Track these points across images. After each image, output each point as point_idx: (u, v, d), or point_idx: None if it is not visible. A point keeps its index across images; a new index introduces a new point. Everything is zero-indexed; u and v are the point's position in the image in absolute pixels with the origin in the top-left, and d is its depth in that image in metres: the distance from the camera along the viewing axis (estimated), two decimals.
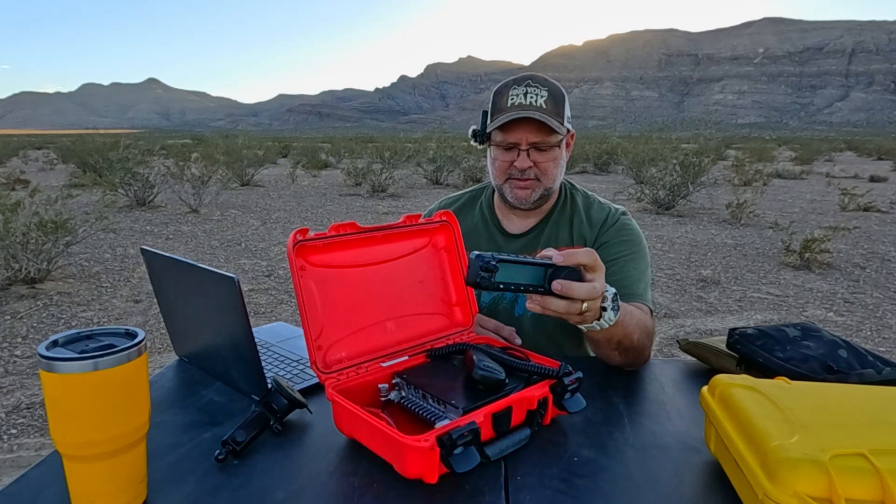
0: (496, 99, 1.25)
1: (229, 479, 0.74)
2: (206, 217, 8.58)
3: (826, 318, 4.30)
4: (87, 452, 0.63)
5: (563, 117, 1.23)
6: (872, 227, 8.19)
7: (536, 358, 0.92)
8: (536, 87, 1.21)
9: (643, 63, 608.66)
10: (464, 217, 1.41)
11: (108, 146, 12.45)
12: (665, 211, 9.40)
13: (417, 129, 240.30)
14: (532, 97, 1.20)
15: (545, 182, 1.26)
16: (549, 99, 1.21)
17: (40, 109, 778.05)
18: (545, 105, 1.20)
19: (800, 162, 22.71)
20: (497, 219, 1.39)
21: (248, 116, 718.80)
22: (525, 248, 1.33)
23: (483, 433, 0.73)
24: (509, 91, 1.22)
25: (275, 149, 23.97)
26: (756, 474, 0.63)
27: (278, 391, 0.85)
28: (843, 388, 0.80)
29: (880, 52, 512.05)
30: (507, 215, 1.38)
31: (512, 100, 1.21)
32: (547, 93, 1.21)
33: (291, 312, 4.31)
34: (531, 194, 1.27)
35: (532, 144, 1.22)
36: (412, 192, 12.00)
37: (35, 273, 4.71)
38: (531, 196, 1.27)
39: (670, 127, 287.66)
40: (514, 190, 1.27)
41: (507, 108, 1.21)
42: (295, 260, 0.84)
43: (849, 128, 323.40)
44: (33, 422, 2.67)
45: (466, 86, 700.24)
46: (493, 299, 1.35)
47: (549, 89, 1.22)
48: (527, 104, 1.20)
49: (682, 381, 1.10)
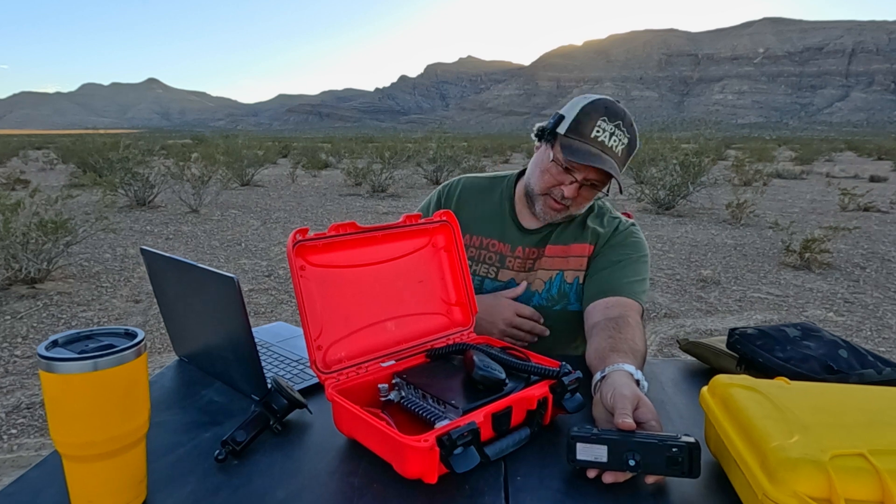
0: (581, 118, 1.20)
1: (229, 479, 0.74)
2: (206, 217, 8.58)
3: (826, 318, 4.30)
4: (86, 452, 0.63)
5: (625, 166, 1.24)
6: (872, 227, 8.19)
7: (536, 358, 0.93)
8: (623, 132, 1.20)
9: (643, 63, 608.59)
10: (482, 200, 1.41)
11: (108, 146, 12.44)
12: (665, 211, 9.40)
13: (417, 129, 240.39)
14: (615, 140, 1.19)
15: (573, 210, 1.28)
16: (626, 147, 1.21)
17: (40, 109, 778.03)
18: (621, 154, 1.20)
19: (800, 162, 22.72)
20: (514, 211, 1.38)
21: (248, 116, 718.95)
22: (538, 244, 1.34)
23: (483, 433, 0.73)
24: (597, 121, 1.19)
25: (275, 149, 23.96)
26: (756, 474, 0.63)
27: (278, 391, 0.85)
28: (843, 388, 0.80)
29: (880, 52, 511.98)
30: (525, 212, 1.37)
31: (596, 133, 1.18)
32: (628, 140, 1.21)
33: (291, 312, 4.31)
34: (557, 216, 1.28)
35: (588, 181, 1.22)
36: (412, 192, 12.00)
37: (35, 273, 4.71)
38: (556, 217, 1.29)
39: (670, 127, 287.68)
40: (546, 207, 1.27)
41: (589, 138, 1.18)
42: (295, 260, 0.84)
43: (849, 128, 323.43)
44: (33, 422, 2.67)
45: (466, 86, 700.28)
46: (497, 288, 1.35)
47: (630, 137, 1.21)
48: (608, 146, 1.18)
49: (682, 381, 1.10)
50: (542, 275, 1.32)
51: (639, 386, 0.88)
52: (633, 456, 0.70)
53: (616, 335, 1.05)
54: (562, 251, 1.32)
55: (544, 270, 1.32)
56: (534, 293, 1.32)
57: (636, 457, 0.70)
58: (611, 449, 0.71)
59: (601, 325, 1.12)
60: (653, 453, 0.70)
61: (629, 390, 0.82)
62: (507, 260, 1.35)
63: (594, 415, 0.86)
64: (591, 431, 0.73)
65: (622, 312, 1.14)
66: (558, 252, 1.32)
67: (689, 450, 0.70)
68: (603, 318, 1.14)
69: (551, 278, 1.32)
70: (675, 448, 0.70)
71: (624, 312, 1.14)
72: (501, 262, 1.35)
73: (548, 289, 1.32)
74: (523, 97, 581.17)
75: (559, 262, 1.32)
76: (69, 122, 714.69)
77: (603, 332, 1.08)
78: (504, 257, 1.35)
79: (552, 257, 1.32)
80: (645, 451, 0.70)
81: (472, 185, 1.46)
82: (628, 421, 0.75)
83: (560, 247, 1.33)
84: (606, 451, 0.71)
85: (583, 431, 0.73)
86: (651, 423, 0.78)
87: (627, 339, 1.03)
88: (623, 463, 0.70)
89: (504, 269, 1.35)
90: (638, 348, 1.03)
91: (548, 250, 1.33)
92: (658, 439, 0.71)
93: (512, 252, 1.34)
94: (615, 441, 0.71)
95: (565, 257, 1.32)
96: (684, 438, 0.71)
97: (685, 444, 0.70)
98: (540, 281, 1.32)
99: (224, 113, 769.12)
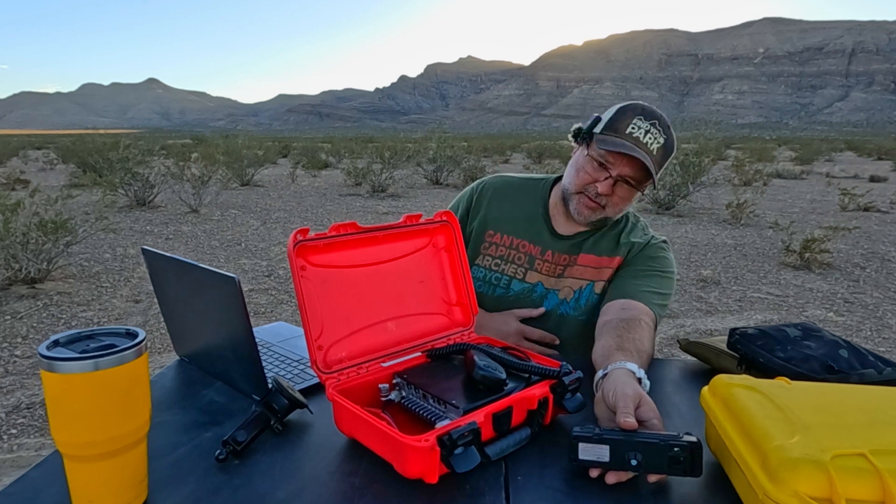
0: (617, 116, 1.22)
1: (230, 479, 0.74)
2: (206, 217, 8.58)
3: (826, 318, 4.30)
4: (87, 452, 0.63)
5: (661, 168, 1.23)
6: (872, 227, 8.19)
7: (537, 358, 0.93)
8: (659, 131, 1.20)
9: (643, 63, 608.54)
10: (516, 200, 1.40)
11: (108, 146, 12.43)
12: (665, 211, 9.40)
13: (417, 129, 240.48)
14: (651, 138, 1.19)
15: (609, 212, 1.27)
16: (662, 148, 1.20)
17: (40, 109, 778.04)
18: (656, 153, 1.20)
19: (800, 162, 22.71)
20: (549, 215, 1.37)
21: (248, 116, 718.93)
22: (570, 250, 1.32)
23: (483, 433, 0.73)
24: (634, 119, 1.19)
25: (275, 149, 23.95)
26: (756, 474, 0.63)
27: (279, 391, 0.85)
28: (843, 388, 0.80)
29: (880, 52, 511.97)
30: (560, 217, 1.36)
31: (632, 129, 1.18)
32: (664, 141, 1.20)
33: (291, 312, 4.31)
34: (592, 215, 1.26)
35: (623, 177, 1.21)
36: (412, 192, 11.99)
37: (35, 273, 4.71)
38: (591, 216, 1.27)
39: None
40: (580, 206, 1.26)
41: (624, 134, 1.19)
42: (295, 260, 0.84)
43: (849, 128, 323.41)
44: (33, 422, 2.67)
45: (466, 86, 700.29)
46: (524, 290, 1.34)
47: (667, 139, 1.21)
48: (643, 142, 1.18)
49: (682, 381, 1.10)
50: (573, 283, 1.31)
51: (641, 385, 0.88)
52: (636, 456, 0.70)
53: (624, 335, 1.04)
54: (595, 262, 1.31)
55: (574, 279, 1.31)
56: (562, 301, 1.31)
57: (638, 456, 0.70)
58: (613, 449, 0.71)
59: (612, 323, 1.11)
60: (655, 453, 0.70)
61: (631, 389, 0.82)
62: (536, 262, 1.33)
63: (596, 413, 0.86)
64: (594, 431, 0.73)
65: (635, 315, 1.13)
66: (591, 262, 1.31)
67: (690, 449, 0.70)
68: (615, 318, 1.13)
69: (581, 288, 1.30)
70: (676, 448, 0.70)
71: (637, 315, 1.13)
72: (531, 263, 1.33)
73: (576, 297, 1.30)
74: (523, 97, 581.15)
75: (591, 273, 1.31)
76: (69, 122, 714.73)
77: (612, 331, 1.07)
78: (534, 259, 1.33)
79: (585, 266, 1.31)
80: (647, 451, 0.70)
81: (507, 184, 1.44)
82: (630, 420, 0.75)
83: (594, 257, 1.31)
84: (608, 451, 0.71)
85: (585, 431, 0.73)
86: (653, 421, 0.78)
87: (635, 340, 1.03)
88: (625, 462, 0.70)
89: (532, 270, 1.33)
90: (644, 349, 1.02)
91: (581, 259, 1.31)
92: (660, 439, 0.71)
93: (542, 255, 1.33)
94: (617, 441, 0.71)
95: (598, 268, 1.30)
96: (686, 438, 0.71)
97: (687, 443, 0.70)
98: (569, 289, 1.31)
99: (224, 113, 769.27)
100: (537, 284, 1.33)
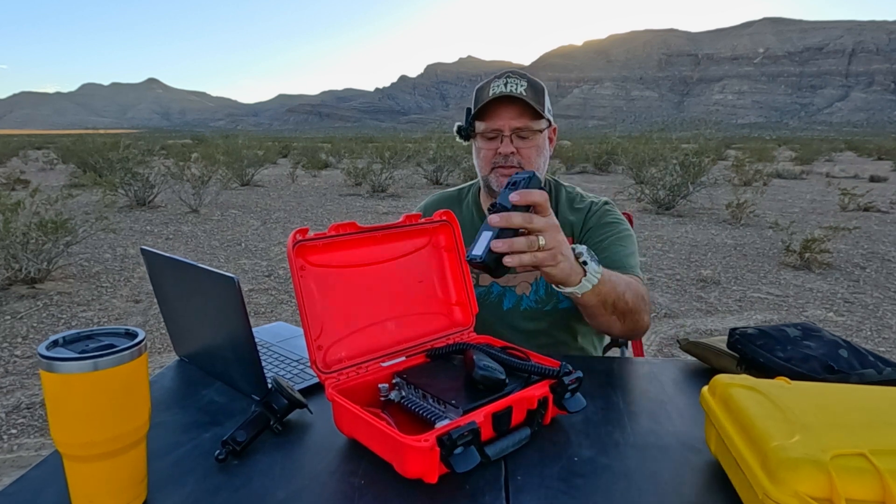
0: (478, 94, 1.29)
1: (229, 479, 0.74)
2: (206, 217, 8.58)
3: (826, 318, 4.30)
4: (87, 452, 0.63)
5: (543, 107, 1.26)
6: (872, 227, 8.18)
7: (536, 357, 0.92)
8: (516, 78, 1.26)
9: (643, 63, 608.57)
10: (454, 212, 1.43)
11: (108, 146, 12.44)
12: (665, 211, 9.40)
13: (417, 129, 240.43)
14: (512, 86, 1.24)
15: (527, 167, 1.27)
16: (529, 88, 1.24)
17: (40, 109, 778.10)
18: (525, 93, 1.23)
19: (800, 162, 22.70)
20: (483, 214, 1.40)
21: (248, 116, 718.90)
22: None
23: (483, 433, 0.73)
24: (490, 85, 1.26)
25: (275, 149, 23.96)
26: (756, 474, 0.63)
27: (278, 391, 0.85)
28: (843, 388, 0.80)
29: (880, 52, 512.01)
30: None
31: (493, 90, 1.25)
32: (527, 83, 1.25)
33: (291, 312, 4.31)
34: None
35: (515, 130, 1.25)
36: (412, 192, 11.99)
37: (35, 273, 4.71)
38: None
39: (670, 127, 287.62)
40: (500, 178, 1.28)
41: (488, 98, 1.24)
42: (295, 260, 0.84)
43: (849, 128, 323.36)
44: (33, 422, 2.67)
45: (466, 86, 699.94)
46: (481, 294, 1.35)
47: (528, 81, 1.26)
48: (507, 92, 1.23)
49: (682, 380, 1.10)
50: (527, 276, 1.31)
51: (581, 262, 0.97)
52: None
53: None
54: None
55: (527, 272, 1.30)
56: (521, 297, 1.31)
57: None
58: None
59: None
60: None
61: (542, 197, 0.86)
62: None
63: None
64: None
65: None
66: None
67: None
68: None
69: (536, 279, 1.31)
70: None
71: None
72: None
73: (535, 290, 1.31)
74: None
75: None
76: (69, 122, 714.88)
77: None
78: None
79: None
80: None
81: (440, 200, 1.50)
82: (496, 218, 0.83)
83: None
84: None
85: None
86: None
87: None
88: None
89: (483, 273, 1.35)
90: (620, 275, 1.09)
91: None
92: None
93: None
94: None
95: None
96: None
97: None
98: (525, 283, 1.31)
99: (224, 113, 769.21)
100: (492, 285, 1.34)
